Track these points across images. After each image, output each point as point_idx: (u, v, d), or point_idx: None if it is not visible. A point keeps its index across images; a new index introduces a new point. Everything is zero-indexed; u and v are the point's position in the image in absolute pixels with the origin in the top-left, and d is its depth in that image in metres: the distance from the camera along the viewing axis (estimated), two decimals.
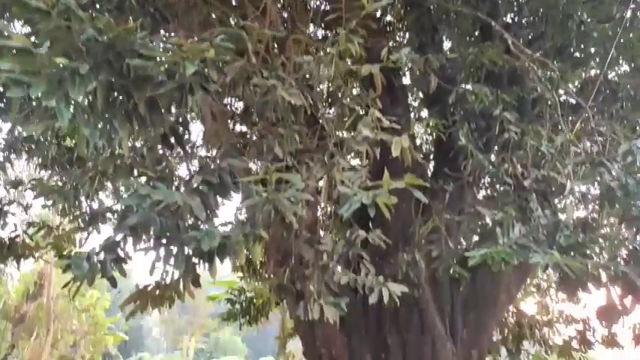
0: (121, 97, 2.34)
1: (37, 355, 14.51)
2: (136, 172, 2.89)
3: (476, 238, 4.45)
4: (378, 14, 5.10)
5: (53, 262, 15.65)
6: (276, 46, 3.17)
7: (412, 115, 5.68)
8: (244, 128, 3.71)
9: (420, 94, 6.05)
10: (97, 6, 2.68)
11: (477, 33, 5.14)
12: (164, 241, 2.33)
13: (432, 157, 5.65)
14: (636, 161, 2.96)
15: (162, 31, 3.21)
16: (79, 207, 3.48)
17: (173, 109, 2.54)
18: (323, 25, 4.30)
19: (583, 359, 6.18)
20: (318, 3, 4.28)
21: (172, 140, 2.62)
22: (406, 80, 5.26)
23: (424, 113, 6.12)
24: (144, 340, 57.27)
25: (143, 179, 2.70)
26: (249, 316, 7.31)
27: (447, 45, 5.31)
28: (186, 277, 2.85)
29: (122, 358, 38.94)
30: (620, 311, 3.01)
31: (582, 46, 4.81)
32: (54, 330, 16.00)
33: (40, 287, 15.97)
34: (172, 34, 3.19)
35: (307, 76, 3.20)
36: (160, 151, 3.70)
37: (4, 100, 2.94)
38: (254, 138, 2.96)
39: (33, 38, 1.92)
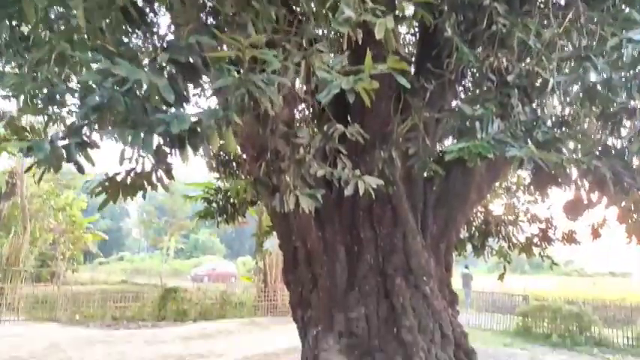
0: None
1: (16, 252, 14.77)
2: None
3: (453, 139, 4.45)
4: None
5: (24, 161, 15.32)
6: None
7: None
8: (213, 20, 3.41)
9: None
10: None
11: None
12: (130, 124, 2.19)
13: (413, 59, 5.45)
14: (623, 56, 2.87)
15: None
16: (38, 93, 3.25)
17: None
18: None
19: (542, 253, 6.62)
20: None
21: (134, 16, 2.37)
22: None
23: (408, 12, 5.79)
24: (124, 241, 59.02)
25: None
26: (226, 214, 7.40)
27: None
28: (159, 166, 2.77)
29: (103, 256, 40.26)
30: (586, 205, 3.11)
31: None
32: (31, 228, 16.15)
33: (12, 186, 15.78)
34: None
35: None
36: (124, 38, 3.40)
37: None
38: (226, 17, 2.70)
39: None
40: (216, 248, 51.18)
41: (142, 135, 2.14)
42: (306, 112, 5.59)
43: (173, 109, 2.35)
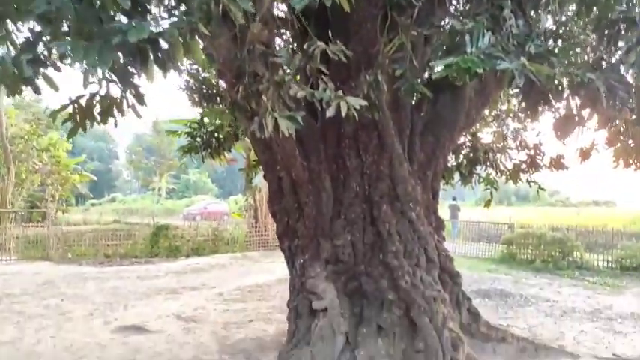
0: None
1: (2, 193, 14.60)
2: None
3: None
4: None
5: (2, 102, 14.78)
6: None
7: None
8: None
9: None
10: None
11: None
12: (86, 36, 1.98)
13: None
14: None
15: None
16: None
17: None
18: None
19: (529, 179, 6.62)
20: None
21: None
22: None
23: None
24: (115, 182, 58.95)
25: None
26: (210, 148, 7.22)
27: None
28: (126, 88, 2.57)
29: (95, 198, 40.31)
30: (577, 123, 3.00)
31: None
32: (16, 170, 15.87)
33: None
34: None
35: None
36: None
37: None
38: None
39: None
40: (208, 188, 51.38)
41: (98, 46, 1.94)
42: (288, 36, 5.27)
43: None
